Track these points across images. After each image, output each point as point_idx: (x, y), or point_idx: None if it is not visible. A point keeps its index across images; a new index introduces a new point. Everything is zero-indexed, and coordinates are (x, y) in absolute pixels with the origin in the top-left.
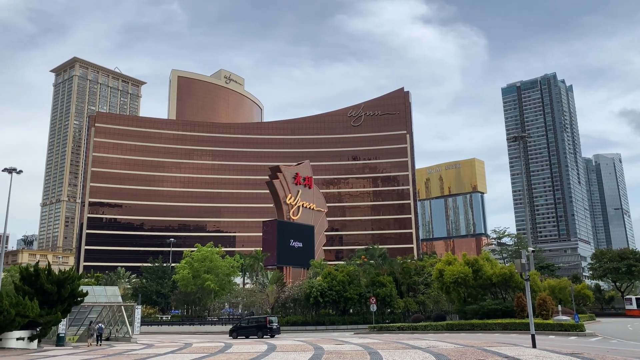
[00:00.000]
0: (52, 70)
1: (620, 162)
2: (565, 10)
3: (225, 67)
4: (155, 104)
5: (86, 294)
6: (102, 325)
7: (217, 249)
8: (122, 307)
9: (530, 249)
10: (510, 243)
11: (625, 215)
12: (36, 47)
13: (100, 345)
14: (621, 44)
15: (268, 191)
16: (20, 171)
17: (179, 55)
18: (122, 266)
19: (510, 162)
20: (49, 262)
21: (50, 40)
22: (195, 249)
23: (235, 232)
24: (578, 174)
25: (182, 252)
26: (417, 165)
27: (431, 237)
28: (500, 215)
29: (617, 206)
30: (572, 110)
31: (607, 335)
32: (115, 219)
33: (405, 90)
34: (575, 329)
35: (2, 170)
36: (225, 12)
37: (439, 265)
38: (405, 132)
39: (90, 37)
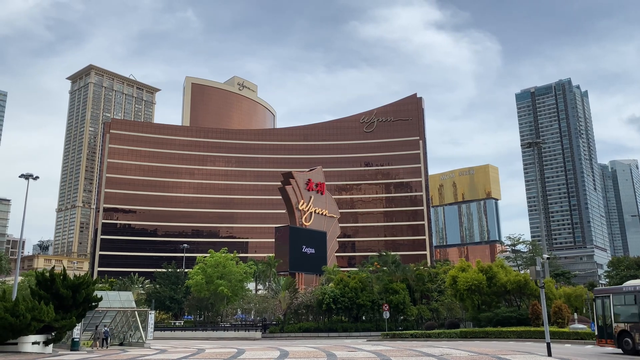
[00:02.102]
0: (68, 78)
1: (637, 168)
2: (580, 15)
3: (239, 73)
4: (170, 111)
5: (100, 299)
6: (108, 329)
7: (231, 255)
8: (136, 312)
9: (545, 256)
10: (525, 250)
11: None
12: (54, 55)
13: (107, 348)
14: (637, 49)
15: (280, 197)
16: (37, 177)
17: (193, 62)
18: (135, 272)
19: (524, 168)
20: (64, 267)
21: (67, 47)
22: (208, 255)
23: (248, 238)
24: (594, 180)
25: (195, 257)
26: (431, 172)
27: (444, 243)
28: (515, 221)
29: (634, 213)
30: (587, 115)
31: None
32: (129, 224)
33: (418, 96)
34: (592, 337)
35: (19, 177)
36: (239, 19)
37: (453, 272)
38: (418, 138)
39: (106, 44)
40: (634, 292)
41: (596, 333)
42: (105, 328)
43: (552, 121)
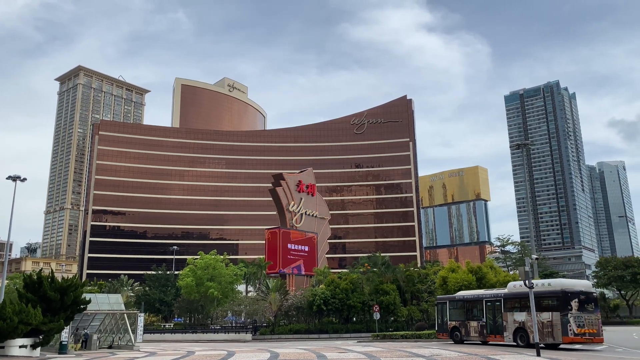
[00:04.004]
0: (56, 79)
1: (625, 169)
2: (569, 17)
3: (231, 75)
4: (159, 112)
5: (89, 301)
6: (87, 332)
7: (221, 256)
8: (125, 314)
9: (534, 256)
10: (514, 251)
11: (629, 223)
12: (43, 55)
13: (85, 349)
14: (626, 52)
15: (271, 199)
16: (24, 179)
17: (184, 64)
18: (125, 274)
19: (513, 170)
20: (52, 270)
21: (57, 48)
22: (198, 257)
23: (238, 240)
24: (582, 181)
25: (185, 260)
26: (421, 173)
27: (434, 244)
28: (504, 223)
29: (621, 214)
30: (575, 117)
31: (613, 344)
32: (118, 226)
33: (408, 98)
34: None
35: (7, 178)
36: (230, 21)
37: (443, 272)
38: (409, 139)
39: (96, 45)
40: (462, 300)
41: (436, 329)
42: (85, 330)
43: (541, 123)
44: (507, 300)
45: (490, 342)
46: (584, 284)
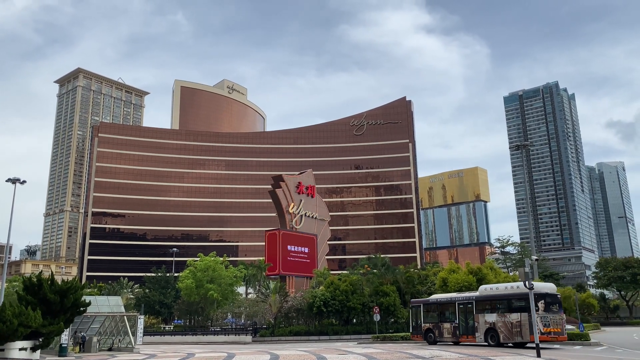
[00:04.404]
0: (56, 81)
1: (624, 170)
2: (568, 18)
3: (230, 76)
4: (159, 114)
5: (89, 303)
6: (85, 334)
7: (220, 258)
8: (125, 317)
9: (534, 257)
10: (514, 252)
11: (629, 224)
12: (43, 58)
13: (83, 352)
14: (625, 52)
15: (271, 200)
16: (24, 181)
17: (184, 65)
18: (125, 276)
19: (513, 171)
20: (52, 272)
21: (56, 50)
22: (197, 259)
23: (238, 242)
24: (581, 182)
25: (185, 262)
26: (421, 174)
27: (434, 246)
28: (504, 224)
29: (621, 214)
30: (574, 118)
31: (613, 345)
32: (118, 228)
33: (407, 99)
34: (580, 338)
35: (6, 181)
36: (229, 22)
37: (443, 273)
38: (408, 140)
39: (96, 48)
40: (436, 303)
41: (411, 331)
42: (82, 333)
43: (540, 124)
44: (479, 302)
45: (462, 343)
46: (549, 287)
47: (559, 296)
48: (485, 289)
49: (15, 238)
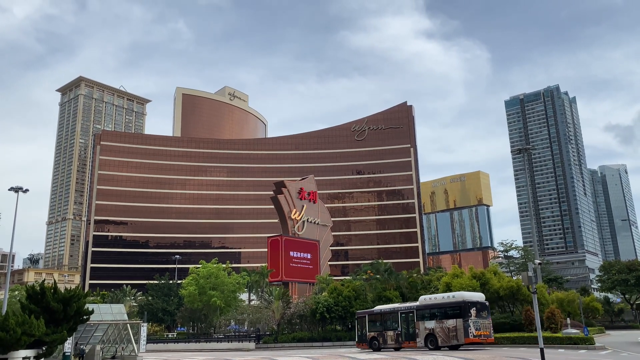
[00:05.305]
0: (58, 90)
1: (626, 172)
2: (568, 22)
3: (231, 83)
4: (160, 121)
5: (92, 312)
6: (84, 347)
7: (223, 265)
8: (128, 324)
9: (537, 261)
10: (517, 256)
11: (632, 227)
12: (44, 67)
13: None
14: (625, 55)
15: (273, 206)
16: (27, 190)
17: (185, 73)
18: (127, 284)
19: (515, 175)
20: (55, 281)
21: (58, 59)
22: (200, 266)
23: (240, 248)
24: (584, 185)
25: (188, 269)
26: (422, 179)
27: (437, 250)
28: (507, 228)
29: (624, 217)
30: (576, 121)
31: (617, 348)
32: (120, 236)
33: (408, 104)
34: (585, 342)
35: (9, 190)
36: (230, 30)
37: (446, 278)
38: (409, 145)
39: (97, 56)
40: (380, 313)
41: (356, 340)
42: (82, 346)
43: (542, 127)
44: (419, 311)
45: (404, 348)
46: (479, 296)
47: (487, 304)
48: (424, 299)
49: (18, 246)
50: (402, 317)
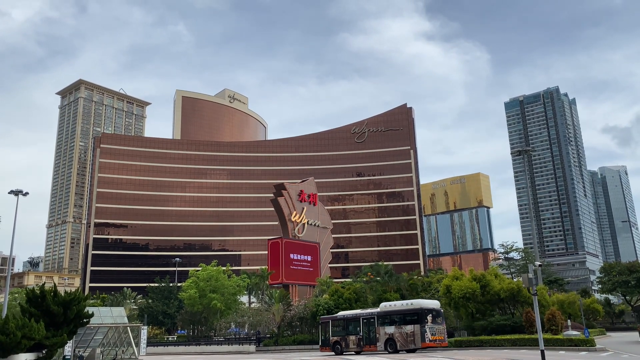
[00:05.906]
0: (57, 93)
1: (626, 174)
2: (568, 24)
3: (231, 86)
4: (160, 124)
5: (92, 315)
6: (83, 354)
7: (223, 268)
8: (128, 328)
9: (538, 263)
10: (518, 257)
11: (632, 228)
12: (44, 70)
13: None
14: (624, 57)
15: (273, 209)
16: (27, 193)
17: (185, 76)
18: (127, 286)
19: (515, 176)
20: (55, 284)
21: (58, 62)
22: (200, 269)
23: (241, 251)
24: (584, 186)
25: (188, 271)
26: (422, 181)
27: (437, 252)
28: (507, 229)
29: (624, 219)
30: (575, 123)
31: (618, 350)
32: (120, 239)
33: (408, 106)
34: (586, 343)
35: (9, 193)
36: (230, 32)
37: (446, 280)
38: (409, 147)
39: (97, 59)
40: (343, 318)
41: (320, 344)
42: (80, 353)
43: (542, 129)
44: (380, 317)
45: (365, 352)
46: (435, 303)
47: (441, 310)
48: (385, 306)
49: (18, 250)
50: (364, 322)
